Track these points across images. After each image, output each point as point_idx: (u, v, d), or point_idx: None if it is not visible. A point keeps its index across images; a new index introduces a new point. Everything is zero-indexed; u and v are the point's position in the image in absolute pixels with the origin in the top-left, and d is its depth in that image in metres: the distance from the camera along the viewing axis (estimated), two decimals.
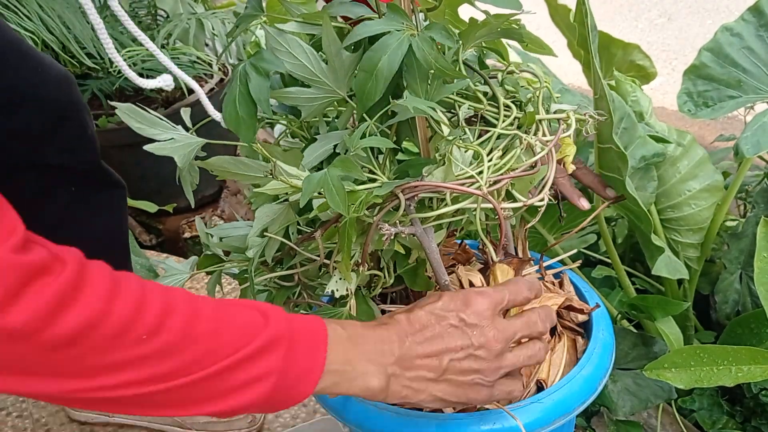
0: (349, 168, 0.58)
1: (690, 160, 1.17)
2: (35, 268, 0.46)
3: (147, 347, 0.49)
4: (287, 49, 0.63)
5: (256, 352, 0.53)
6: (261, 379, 0.53)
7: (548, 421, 0.72)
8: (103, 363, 0.49)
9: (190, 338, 0.51)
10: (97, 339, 0.48)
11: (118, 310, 0.48)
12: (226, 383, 0.52)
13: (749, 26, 1.17)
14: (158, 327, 0.50)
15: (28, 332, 0.45)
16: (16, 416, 1.29)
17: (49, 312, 0.46)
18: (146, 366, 0.50)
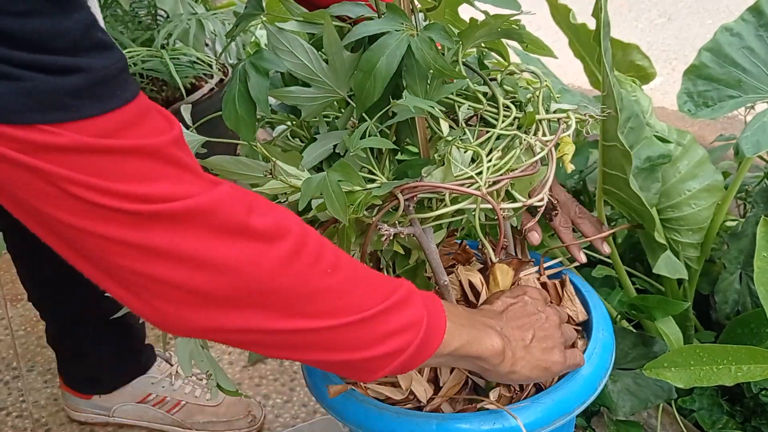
0: (348, 173, 0.58)
1: (690, 160, 1.16)
2: (251, 202, 0.51)
3: (331, 279, 0.53)
4: (288, 48, 0.63)
5: (402, 300, 0.57)
6: (410, 327, 0.57)
7: (548, 421, 0.72)
8: (304, 291, 0.52)
9: (356, 279, 0.56)
10: (300, 267, 0.52)
11: (311, 242, 0.53)
12: (369, 332, 0.56)
13: (749, 26, 1.17)
14: (337, 262, 0.54)
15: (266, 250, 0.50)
16: (16, 416, 1.29)
17: (268, 240, 0.50)
18: (329, 296, 0.54)
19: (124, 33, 1.84)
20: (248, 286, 0.50)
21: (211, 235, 0.48)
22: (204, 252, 0.48)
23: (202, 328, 0.51)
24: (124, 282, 0.48)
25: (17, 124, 0.42)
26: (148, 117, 0.47)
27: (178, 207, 0.46)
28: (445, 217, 0.67)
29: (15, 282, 1.66)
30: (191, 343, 0.81)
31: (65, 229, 0.46)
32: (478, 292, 0.82)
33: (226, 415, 1.21)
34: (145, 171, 0.46)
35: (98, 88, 0.44)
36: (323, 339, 0.54)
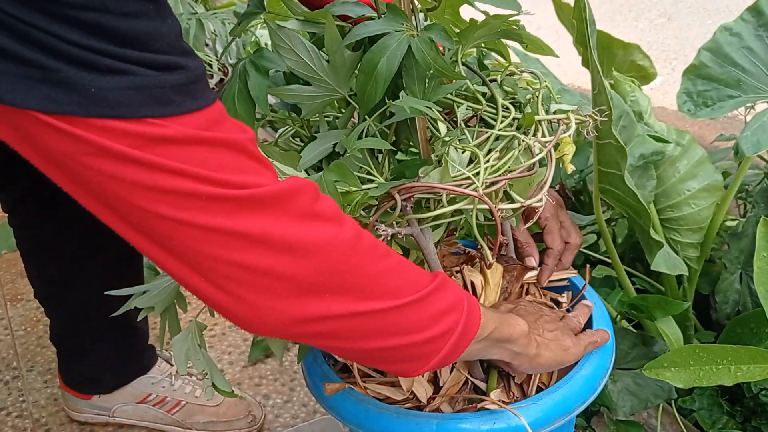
0: (344, 174, 0.58)
1: (689, 160, 1.17)
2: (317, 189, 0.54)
3: (387, 262, 0.56)
4: (290, 45, 0.63)
5: (442, 282, 0.60)
6: (455, 306, 0.60)
7: (548, 421, 0.72)
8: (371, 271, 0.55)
9: (404, 263, 0.59)
10: (364, 249, 0.55)
11: (362, 229, 0.56)
12: (426, 311, 0.58)
13: (748, 26, 1.17)
14: (387, 249, 0.58)
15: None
16: (16, 416, 1.29)
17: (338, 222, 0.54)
18: (393, 278, 0.56)
19: None
20: (328, 267, 0.52)
21: (294, 220, 0.50)
22: (290, 235, 0.50)
23: (288, 319, 0.53)
24: (215, 277, 0.51)
25: (129, 118, 0.44)
26: (227, 117, 0.51)
27: (268, 192, 0.49)
28: (442, 217, 0.67)
29: (15, 282, 1.66)
30: (188, 341, 0.81)
31: (161, 225, 0.48)
32: (477, 294, 0.82)
33: (226, 415, 1.21)
34: (237, 163, 0.49)
35: (193, 86, 0.47)
36: (391, 321, 0.56)
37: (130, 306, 0.79)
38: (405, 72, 0.62)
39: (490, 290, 0.82)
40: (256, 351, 1.39)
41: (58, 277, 1.10)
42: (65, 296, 1.12)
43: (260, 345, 1.38)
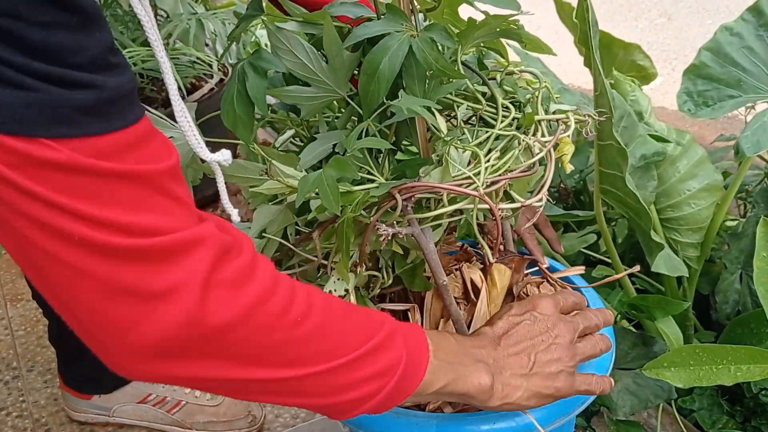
0: (344, 168, 0.58)
1: (689, 160, 1.17)
2: (228, 246, 0.50)
3: (300, 330, 0.52)
4: (288, 47, 0.63)
5: (378, 345, 0.56)
6: (384, 372, 0.57)
7: (548, 421, 0.72)
8: (267, 342, 0.51)
9: (329, 326, 0.55)
10: (264, 318, 0.50)
11: (281, 291, 0.52)
12: (358, 372, 0.55)
13: (749, 26, 1.17)
14: (308, 310, 0.53)
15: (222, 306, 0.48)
16: (16, 416, 1.29)
17: (235, 288, 0.49)
18: (298, 347, 0.53)
19: (124, 33, 1.84)
20: (208, 336, 0.48)
21: (176, 277, 0.46)
22: (164, 295, 0.46)
23: (155, 375, 0.49)
24: (79, 315, 0.47)
25: (20, 135, 0.41)
26: (149, 142, 0.47)
27: (155, 244, 0.45)
28: (443, 217, 0.67)
29: (15, 282, 1.66)
30: None
31: (33, 252, 0.44)
32: (478, 289, 0.82)
33: (226, 415, 1.21)
34: (138, 198, 0.45)
35: (106, 107, 0.43)
36: (286, 387, 0.54)
37: None
38: (405, 72, 0.62)
39: (497, 293, 0.82)
40: None
41: None
42: None
43: None
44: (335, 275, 0.71)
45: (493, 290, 0.82)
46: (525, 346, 0.67)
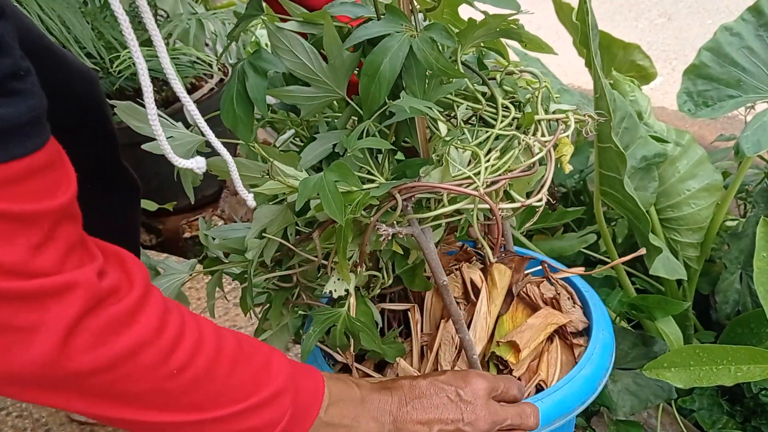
0: (345, 174, 0.58)
1: (689, 160, 1.17)
2: (106, 293, 0.49)
3: (173, 382, 0.52)
4: (288, 47, 0.63)
5: (260, 403, 0.57)
6: (261, 428, 0.57)
7: (548, 421, 0.72)
8: (131, 392, 0.51)
9: (210, 376, 0.54)
10: (132, 368, 0.50)
11: (162, 340, 0.51)
12: (231, 426, 0.56)
13: (749, 26, 1.17)
14: (188, 363, 0.53)
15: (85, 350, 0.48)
16: (16, 416, 1.29)
17: (104, 336, 0.48)
18: (169, 397, 0.53)
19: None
20: (68, 378, 0.48)
21: (39, 320, 0.46)
22: (28, 334, 0.46)
23: (31, 400, 0.50)
24: None
25: None
26: (44, 175, 0.46)
27: (21, 287, 0.45)
28: (443, 217, 0.67)
29: None
30: None
31: None
32: (478, 289, 0.82)
33: None
34: (7, 237, 0.44)
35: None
36: (159, 428, 0.54)
37: None
38: (405, 72, 0.62)
39: (497, 293, 0.82)
40: None
41: None
42: None
43: None
44: (335, 275, 0.71)
45: (494, 290, 0.82)
46: (431, 418, 0.66)
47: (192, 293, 1.55)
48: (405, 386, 0.68)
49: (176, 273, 0.81)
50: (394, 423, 0.66)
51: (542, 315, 0.81)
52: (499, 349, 0.78)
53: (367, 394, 0.66)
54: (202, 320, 0.57)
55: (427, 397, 0.67)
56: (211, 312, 0.85)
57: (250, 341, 0.60)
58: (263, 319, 0.84)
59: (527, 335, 0.78)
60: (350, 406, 0.64)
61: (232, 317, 1.47)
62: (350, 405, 0.64)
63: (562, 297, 0.87)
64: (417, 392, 0.67)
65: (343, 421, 0.63)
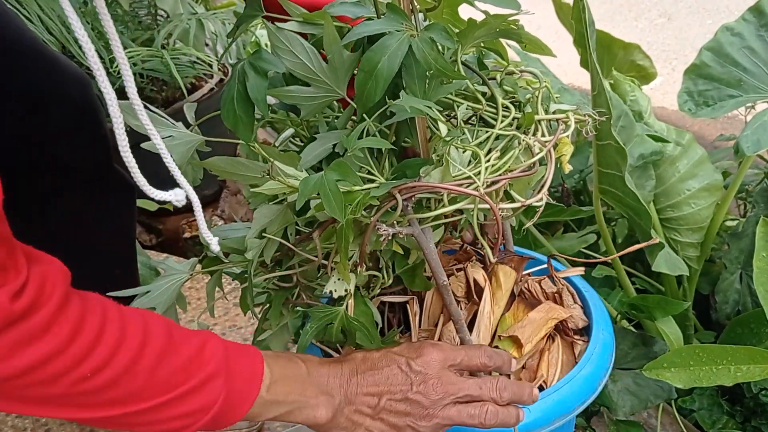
0: (346, 173, 0.58)
1: (689, 160, 1.17)
2: (18, 314, 0.50)
3: (88, 384, 0.54)
4: (288, 47, 0.63)
5: (189, 390, 0.58)
6: (195, 413, 0.59)
7: (548, 421, 0.72)
8: (46, 395, 0.53)
9: (131, 374, 0.56)
10: (44, 376, 0.52)
11: (74, 349, 0.53)
12: (160, 415, 0.58)
13: (750, 26, 1.17)
14: (104, 365, 0.54)
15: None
16: (15, 416, 1.29)
17: (14, 350, 0.50)
18: (86, 398, 0.55)
19: (124, 33, 1.84)
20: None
21: None
22: None
23: None
24: None
25: None
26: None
27: None
28: (443, 217, 0.67)
29: None
30: None
31: None
32: (481, 288, 0.82)
33: None
34: None
35: None
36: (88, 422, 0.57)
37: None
38: (405, 71, 0.62)
39: (501, 294, 0.82)
40: None
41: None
42: None
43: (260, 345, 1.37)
44: (335, 275, 0.71)
45: (498, 291, 0.82)
46: (380, 390, 0.66)
47: (192, 293, 1.55)
48: (357, 358, 0.68)
49: (176, 273, 0.81)
50: (344, 396, 0.66)
51: (543, 309, 0.81)
52: (501, 342, 0.78)
53: (314, 369, 0.67)
54: (130, 318, 0.58)
55: (378, 369, 0.67)
56: (211, 312, 0.85)
57: (183, 332, 0.61)
58: (263, 319, 0.84)
59: (528, 330, 0.78)
60: (296, 382, 0.65)
61: (232, 317, 1.47)
62: (296, 381, 0.65)
63: (564, 292, 0.87)
64: (369, 364, 0.68)
65: (288, 398, 0.64)
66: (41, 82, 0.86)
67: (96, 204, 1.01)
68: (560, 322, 0.82)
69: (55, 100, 0.88)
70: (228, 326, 1.47)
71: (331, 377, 0.67)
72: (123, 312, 0.58)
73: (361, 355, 0.69)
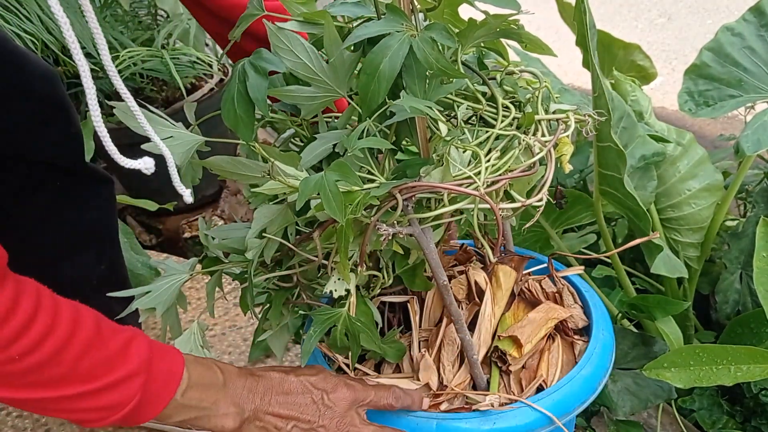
0: (346, 173, 0.58)
1: (689, 160, 1.17)
2: None
3: (15, 366, 0.56)
4: (289, 47, 0.63)
5: (107, 385, 0.60)
6: (110, 407, 0.61)
7: (549, 421, 0.72)
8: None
9: (56, 361, 0.57)
10: None
11: (4, 332, 0.54)
12: (75, 405, 0.60)
13: (750, 26, 1.17)
14: (33, 349, 0.56)
15: None
16: (16, 416, 1.29)
17: None
18: (10, 378, 0.57)
19: (124, 33, 1.84)
20: None
21: None
22: None
23: None
24: None
25: None
26: None
27: None
28: (443, 217, 0.67)
29: None
30: (191, 342, 0.81)
31: None
32: (482, 290, 0.82)
33: None
34: None
35: None
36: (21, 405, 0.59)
37: (131, 309, 0.79)
38: (405, 71, 0.62)
39: (502, 295, 0.82)
40: (256, 351, 1.39)
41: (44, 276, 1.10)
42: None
43: (260, 345, 1.38)
44: (336, 275, 0.71)
45: (498, 292, 0.82)
46: (291, 414, 0.70)
47: (192, 293, 1.55)
48: (275, 378, 0.71)
49: (176, 273, 0.81)
50: (254, 411, 0.69)
51: (543, 309, 0.82)
52: (501, 342, 0.78)
53: (230, 379, 0.69)
54: (64, 307, 0.60)
55: (293, 394, 0.71)
56: (211, 312, 0.85)
57: (112, 327, 0.63)
58: (263, 319, 0.84)
59: (528, 330, 0.78)
60: (211, 390, 0.67)
61: (232, 317, 1.47)
62: (211, 389, 0.67)
63: (564, 291, 0.87)
64: (285, 387, 0.71)
65: (201, 404, 0.66)
66: (9, 78, 0.86)
67: (73, 199, 1.01)
68: (560, 321, 0.82)
69: (24, 96, 0.88)
70: (228, 326, 1.47)
71: (246, 390, 0.69)
72: (57, 300, 0.60)
73: (279, 376, 0.72)
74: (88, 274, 1.05)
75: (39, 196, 0.97)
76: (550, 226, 1.26)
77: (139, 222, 1.98)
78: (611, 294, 1.22)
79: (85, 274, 1.05)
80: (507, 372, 0.79)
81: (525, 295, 0.86)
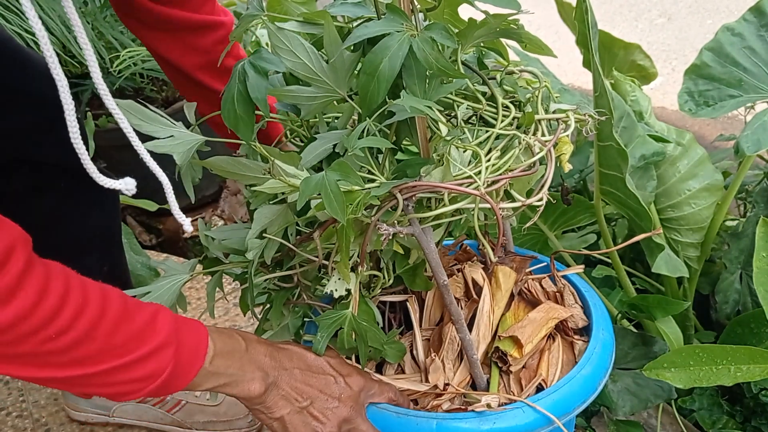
0: (347, 173, 0.58)
1: (689, 160, 1.17)
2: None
3: (53, 344, 0.57)
4: (289, 47, 0.63)
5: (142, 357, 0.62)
6: (147, 378, 0.62)
7: (548, 421, 0.72)
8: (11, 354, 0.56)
9: (92, 337, 0.59)
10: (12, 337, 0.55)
11: (40, 312, 0.55)
12: (116, 378, 0.61)
13: (750, 26, 1.17)
14: (69, 327, 0.57)
15: None
16: (16, 416, 1.29)
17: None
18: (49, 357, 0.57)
19: (124, 33, 1.84)
20: None
21: None
22: None
23: None
24: None
25: None
26: None
27: None
28: (444, 216, 0.67)
29: None
30: None
31: None
32: (480, 287, 0.82)
33: (226, 414, 1.21)
34: None
35: None
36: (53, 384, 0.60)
37: None
38: (405, 71, 0.62)
39: (501, 295, 0.82)
40: None
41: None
42: None
43: None
44: (336, 275, 0.71)
45: (497, 292, 0.82)
46: (311, 392, 0.73)
47: (192, 293, 1.55)
48: (296, 352, 0.74)
49: (176, 273, 0.81)
50: (277, 378, 0.71)
51: (543, 309, 0.82)
52: (501, 342, 0.78)
53: (251, 345, 0.72)
54: (90, 285, 0.61)
55: (314, 370, 0.74)
56: (211, 312, 0.85)
57: (137, 303, 0.64)
58: (263, 320, 0.84)
59: (529, 330, 0.78)
60: (235, 356, 0.69)
61: (232, 317, 1.47)
62: (235, 356, 0.69)
63: (565, 291, 0.87)
64: (304, 363, 0.74)
65: (228, 371, 0.68)
66: (12, 80, 0.86)
67: (76, 200, 1.01)
68: (560, 321, 0.82)
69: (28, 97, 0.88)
70: (228, 326, 1.47)
71: (268, 357, 0.71)
72: (83, 279, 0.61)
73: (299, 350, 0.74)
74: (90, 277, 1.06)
75: (44, 200, 0.97)
76: (550, 227, 1.26)
77: (139, 222, 1.98)
78: (611, 294, 1.22)
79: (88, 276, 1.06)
80: (507, 372, 0.79)
81: (525, 294, 0.86)
